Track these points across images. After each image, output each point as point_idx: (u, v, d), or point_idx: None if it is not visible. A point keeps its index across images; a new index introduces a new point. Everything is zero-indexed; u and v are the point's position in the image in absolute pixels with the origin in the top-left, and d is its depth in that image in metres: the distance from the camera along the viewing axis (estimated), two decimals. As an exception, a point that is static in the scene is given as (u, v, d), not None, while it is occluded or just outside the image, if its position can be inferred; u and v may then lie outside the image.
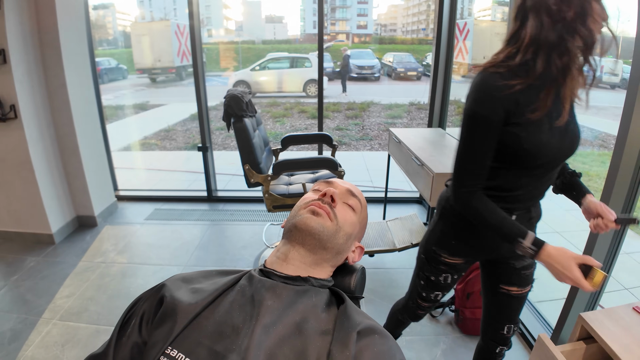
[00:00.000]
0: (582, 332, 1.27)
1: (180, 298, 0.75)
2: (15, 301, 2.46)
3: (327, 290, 0.81)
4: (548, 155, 1.08)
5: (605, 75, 12.14)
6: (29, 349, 2.08)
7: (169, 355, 0.66)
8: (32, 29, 2.85)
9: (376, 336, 0.69)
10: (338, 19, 32.28)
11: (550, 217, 4.06)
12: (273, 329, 0.68)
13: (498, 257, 1.33)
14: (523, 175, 1.13)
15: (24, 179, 2.95)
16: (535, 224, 1.28)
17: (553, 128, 1.06)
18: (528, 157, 1.07)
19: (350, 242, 0.89)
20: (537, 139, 1.05)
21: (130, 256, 2.98)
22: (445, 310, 2.33)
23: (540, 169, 1.12)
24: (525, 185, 1.15)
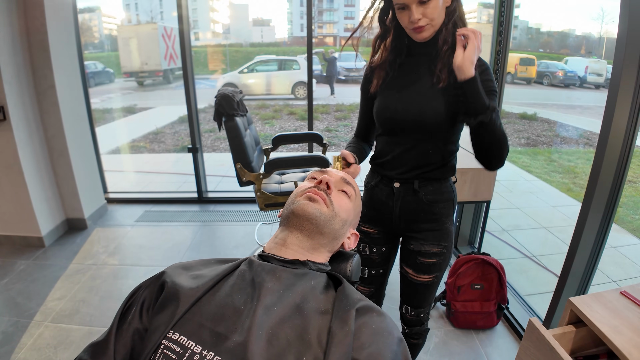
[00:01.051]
0: (572, 317, 1.29)
1: (181, 283, 0.76)
2: (5, 304, 2.43)
3: (325, 275, 0.83)
4: (392, 119, 1.26)
5: (589, 75, 12.37)
6: (21, 351, 2.05)
7: (170, 338, 0.67)
8: (21, 30, 2.82)
9: (374, 314, 0.72)
10: (325, 22, 32.41)
11: (537, 213, 4.12)
12: (274, 309, 0.69)
13: (399, 233, 1.42)
14: (389, 142, 1.31)
15: (13, 182, 2.92)
16: (425, 200, 1.30)
17: (400, 97, 1.24)
18: (376, 119, 1.31)
19: (345, 228, 0.92)
20: (380, 104, 1.29)
21: (122, 258, 2.96)
22: (437, 304, 2.35)
23: (395, 134, 1.28)
24: (392, 151, 1.30)
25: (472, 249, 2.79)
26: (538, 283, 2.81)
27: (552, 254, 3.20)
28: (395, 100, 1.24)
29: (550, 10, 17.42)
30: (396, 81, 1.27)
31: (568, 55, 15.59)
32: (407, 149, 1.27)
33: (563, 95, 12.22)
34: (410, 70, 1.25)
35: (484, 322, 2.17)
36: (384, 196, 1.35)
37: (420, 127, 1.22)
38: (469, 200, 2.22)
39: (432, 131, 1.22)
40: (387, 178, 1.34)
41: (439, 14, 1.11)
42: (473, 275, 2.14)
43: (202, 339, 0.66)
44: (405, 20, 1.12)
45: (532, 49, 18.15)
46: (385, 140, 1.33)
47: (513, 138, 7.76)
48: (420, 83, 1.22)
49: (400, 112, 1.23)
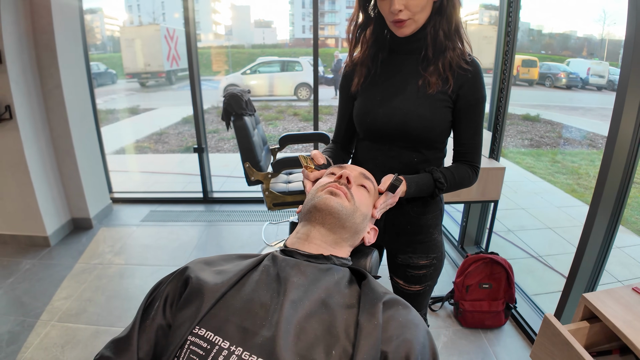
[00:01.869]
0: (585, 313, 1.30)
1: (205, 279, 0.76)
2: (11, 304, 2.43)
3: (348, 269, 0.83)
4: (373, 126, 1.16)
5: (592, 77, 12.36)
6: (28, 350, 2.05)
7: (197, 334, 0.67)
8: (28, 29, 2.83)
9: (400, 307, 0.72)
10: (327, 24, 32.45)
11: (542, 214, 4.12)
12: (300, 304, 0.69)
13: (383, 245, 1.32)
14: (370, 148, 1.21)
15: (19, 181, 2.92)
16: (412, 213, 1.22)
17: (382, 100, 1.15)
18: (357, 123, 1.22)
19: (365, 222, 0.93)
20: (361, 108, 1.19)
21: (128, 257, 2.96)
22: (445, 303, 2.35)
23: (376, 140, 1.19)
24: (374, 158, 1.20)
25: (479, 248, 2.78)
26: (544, 283, 2.81)
27: (558, 254, 3.20)
28: (377, 105, 1.14)
29: (551, 12, 17.42)
30: (378, 81, 1.17)
31: (570, 57, 15.60)
32: (390, 157, 1.17)
33: (565, 96, 12.22)
34: (394, 70, 1.16)
35: (492, 321, 2.16)
36: None
37: (404, 136, 1.13)
38: (476, 199, 2.22)
39: (417, 140, 1.14)
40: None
41: (423, 8, 1.01)
42: (481, 274, 2.14)
43: (229, 334, 0.66)
44: (385, 9, 1.03)
45: (533, 50, 18.14)
46: (366, 146, 1.23)
47: (516, 139, 7.76)
48: (404, 86, 1.13)
49: (382, 119, 1.13)
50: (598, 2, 15.03)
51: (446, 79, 1.09)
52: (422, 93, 1.10)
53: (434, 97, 1.10)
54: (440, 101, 1.10)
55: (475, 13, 5.34)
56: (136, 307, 0.81)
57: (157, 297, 0.79)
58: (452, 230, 3.13)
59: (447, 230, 3.16)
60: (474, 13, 5.36)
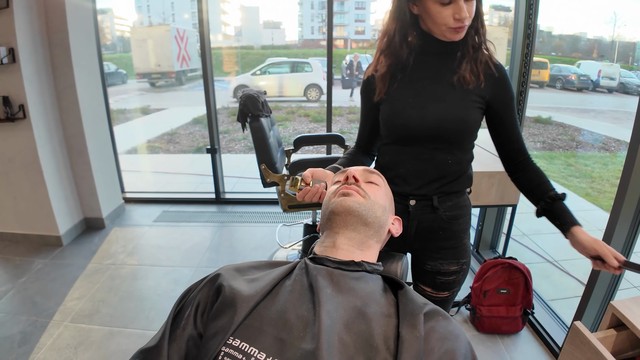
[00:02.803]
0: (612, 321, 1.28)
1: (238, 288, 0.74)
2: (24, 303, 2.43)
3: (380, 277, 0.81)
4: (405, 127, 1.14)
5: (602, 79, 12.26)
6: (41, 351, 2.04)
7: (231, 345, 0.65)
8: (42, 28, 2.83)
9: (440, 318, 0.70)
10: (336, 25, 32.46)
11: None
12: (336, 314, 0.67)
13: (410, 251, 1.29)
14: (400, 152, 1.18)
15: (32, 180, 2.92)
16: (445, 218, 1.20)
17: (415, 102, 1.13)
18: (386, 126, 1.19)
19: (386, 214, 0.92)
20: (391, 110, 1.16)
21: (140, 258, 2.95)
22: (461, 308, 2.31)
23: (408, 143, 1.16)
24: (404, 162, 1.17)
25: (494, 253, 2.74)
26: (561, 288, 2.77)
27: (574, 259, 3.15)
28: (410, 106, 1.12)
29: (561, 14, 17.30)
30: (409, 83, 1.14)
31: (580, 58, 15.50)
32: (423, 160, 1.15)
33: (576, 99, 12.13)
34: (425, 71, 1.13)
35: (509, 327, 2.13)
36: (397, 213, 1.19)
37: (439, 137, 1.12)
38: (495, 204, 2.18)
39: (451, 140, 1.12)
40: (400, 194, 1.19)
41: (481, 13, 1.07)
42: (499, 279, 2.10)
43: (264, 345, 0.64)
44: (446, 17, 1.01)
45: (543, 52, 18.05)
46: (395, 150, 1.19)
47: (529, 142, 7.70)
48: (438, 86, 1.12)
49: (415, 120, 1.11)
50: (608, 4, 14.90)
51: (478, 76, 1.10)
52: (456, 93, 1.10)
53: (467, 98, 1.10)
54: (473, 102, 1.10)
55: (485, 14, 5.32)
56: (150, 308, 0.79)
57: (187, 304, 0.76)
58: (467, 234, 3.09)
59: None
60: (484, 14, 5.33)
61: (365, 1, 32.63)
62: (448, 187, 1.18)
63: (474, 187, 2.11)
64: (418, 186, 1.17)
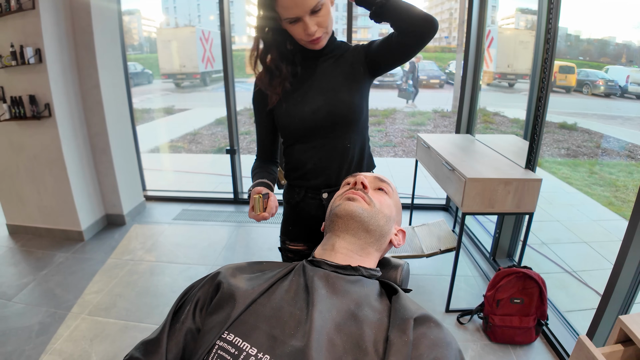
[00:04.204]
0: (620, 336, 1.24)
1: (237, 285, 0.76)
2: (44, 295, 2.51)
3: (377, 282, 0.81)
4: (302, 125, 1.19)
5: (631, 85, 11.93)
6: (57, 342, 2.11)
7: (225, 339, 0.67)
8: (68, 30, 2.92)
9: (432, 324, 0.70)
10: (360, 27, 32.37)
11: (577, 227, 3.98)
12: (329, 315, 0.68)
13: None
14: (304, 150, 1.23)
15: (56, 177, 3.01)
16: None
17: (305, 99, 1.19)
18: (284, 129, 1.24)
19: (390, 224, 0.91)
20: (285, 113, 1.21)
21: (158, 255, 3.00)
22: (474, 317, 2.28)
23: (308, 139, 1.21)
24: (310, 158, 1.23)
25: (511, 261, 2.70)
26: (578, 299, 2.71)
27: (593, 270, 3.08)
28: (300, 105, 1.18)
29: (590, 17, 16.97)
30: (297, 84, 1.20)
31: (608, 63, 15.12)
32: (326, 151, 1.21)
33: (603, 104, 11.84)
34: (311, 69, 1.21)
35: (522, 337, 2.09)
36: (312, 210, 1.29)
37: (335, 124, 1.18)
38: (511, 211, 2.15)
39: (345, 124, 1.19)
40: (313, 189, 1.27)
41: (330, 18, 1.09)
42: (513, 289, 2.07)
43: (257, 341, 0.66)
44: (299, 33, 1.08)
45: (571, 56, 17.67)
46: (298, 149, 1.25)
47: (553, 148, 7.55)
48: (321, 80, 1.19)
49: (308, 115, 1.17)
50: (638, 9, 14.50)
51: (353, 62, 1.20)
52: (339, 78, 1.18)
53: (350, 81, 1.19)
54: (356, 81, 1.19)
55: (511, 17, 5.24)
56: (165, 304, 0.82)
57: (188, 300, 0.80)
58: (484, 242, 3.05)
59: (479, 242, 3.08)
60: (510, 17, 5.25)
61: (390, 4, 32.41)
62: (355, 170, 1.25)
63: (490, 193, 2.09)
64: (326, 177, 1.24)
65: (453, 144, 2.79)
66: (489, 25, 3.37)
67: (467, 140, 2.95)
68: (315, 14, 1.03)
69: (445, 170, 2.38)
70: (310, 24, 1.04)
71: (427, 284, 2.60)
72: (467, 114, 3.37)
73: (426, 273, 2.72)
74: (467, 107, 3.35)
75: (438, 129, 9.48)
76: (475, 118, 3.36)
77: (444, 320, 2.26)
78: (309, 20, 1.03)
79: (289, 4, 1.01)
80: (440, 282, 2.60)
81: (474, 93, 3.31)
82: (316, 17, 1.04)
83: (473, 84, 3.31)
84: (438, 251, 2.49)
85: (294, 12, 1.02)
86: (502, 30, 3.74)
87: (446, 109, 10.75)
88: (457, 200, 2.22)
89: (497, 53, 3.46)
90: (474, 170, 2.18)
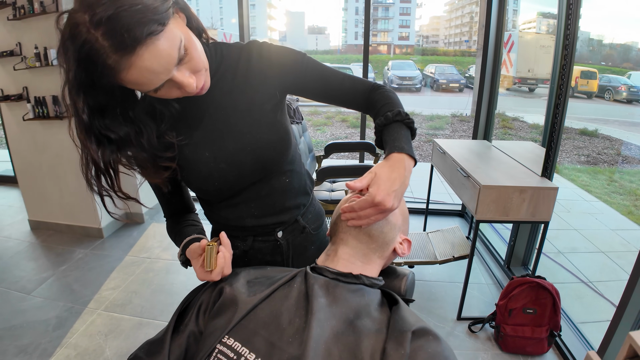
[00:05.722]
0: (630, 352, 1.21)
1: (239, 289, 0.78)
2: (62, 290, 2.57)
3: (379, 291, 0.81)
4: (220, 190, 0.95)
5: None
6: (73, 336, 2.16)
7: (225, 343, 0.69)
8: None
9: (430, 337, 0.69)
10: (380, 30, 32.34)
11: (595, 236, 3.92)
12: (327, 324, 0.69)
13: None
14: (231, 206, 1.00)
15: (77, 175, 3.04)
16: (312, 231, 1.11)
17: (214, 150, 0.91)
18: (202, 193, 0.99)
19: (394, 232, 0.88)
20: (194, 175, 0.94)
21: (175, 254, 3.01)
22: (485, 325, 2.27)
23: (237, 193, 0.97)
24: (246, 210, 1.00)
25: (526, 270, 2.68)
26: (593, 311, 2.66)
27: (610, 281, 3.03)
28: (212, 161, 0.91)
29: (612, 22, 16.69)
30: (187, 135, 0.89)
31: (631, 69, 14.83)
32: (264, 197, 0.99)
33: (626, 111, 11.61)
34: (198, 112, 0.90)
35: (534, 348, 2.07)
36: (267, 255, 1.07)
37: (264, 169, 0.95)
38: (525, 220, 2.13)
39: (276, 163, 0.95)
40: (264, 231, 1.04)
41: (202, 51, 0.77)
42: (526, 298, 2.05)
43: (256, 346, 0.67)
44: (174, 93, 0.76)
45: (593, 61, 17.39)
46: (225, 205, 1.00)
47: (572, 155, 7.44)
48: (223, 115, 0.90)
49: (231, 172, 0.92)
50: (661, 14, 14.21)
51: (254, 84, 0.90)
52: (250, 116, 0.90)
53: (262, 113, 0.91)
54: (272, 112, 0.92)
55: (532, 21, 5.18)
56: (179, 303, 0.84)
57: (192, 303, 0.82)
58: (499, 249, 3.03)
59: (494, 249, 3.06)
60: (531, 21, 5.20)
61: (410, 7, 32.36)
62: (302, 199, 1.07)
63: (504, 201, 2.08)
64: (277, 217, 1.03)
65: (469, 150, 2.77)
66: (509, 30, 3.34)
67: (483, 146, 2.93)
68: (182, 63, 0.72)
69: (460, 176, 2.38)
70: (184, 79, 0.73)
71: (440, 290, 2.60)
72: (485, 119, 3.35)
73: (439, 280, 2.71)
74: (484, 112, 3.33)
75: (456, 133, 9.42)
76: (493, 123, 3.34)
77: (455, 327, 2.26)
78: (180, 77, 0.72)
79: (141, 78, 0.67)
80: (453, 289, 2.59)
81: (491, 98, 3.28)
82: (185, 64, 0.73)
83: (491, 89, 3.29)
84: (451, 258, 2.48)
85: (155, 82, 0.69)
86: (523, 34, 3.71)
87: (465, 113, 10.66)
88: (471, 207, 2.21)
89: (518, 57, 3.43)
90: (489, 177, 2.17)
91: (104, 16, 0.60)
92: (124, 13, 0.60)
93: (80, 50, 0.62)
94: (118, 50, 0.62)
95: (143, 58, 0.64)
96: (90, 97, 0.68)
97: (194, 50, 0.73)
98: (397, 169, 0.77)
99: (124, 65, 0.64)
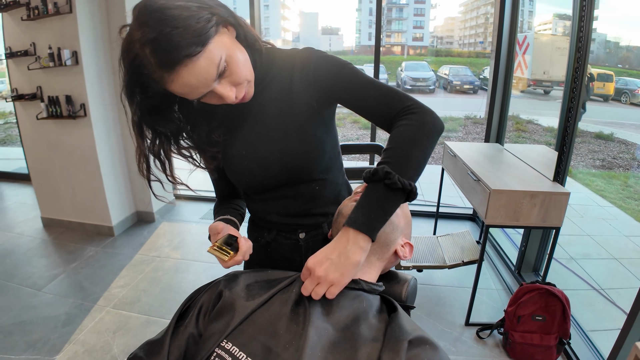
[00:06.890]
0: None
1: (238, 294, 0.78)
2: (72, 287, 2.61)
3: (378, 297, 0.80)
4: (251, 185, 1.01)
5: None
6: (82, 333, 2.19)
7: (223, 347, 0.69)
8: (103, 33, 3.03)
9: (427, 347, 0.68)
10: (394, 31, 32.22)
11: (609, 242, 3.85)
12: (325, 332, 0.69)
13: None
14: (264, 200, 1.04)
15: (89, 174, 3.11)
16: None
17: (250, 153, 0.96)
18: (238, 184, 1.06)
19: (396, 234, 0.88)
20: (230, 168, 1.01)
21: (184, 253, 3.07)
22: (494, 332, 2.24)
23: (269, 191, 1.02)
24: (274, 208, 1.04)
25: (537, 276, 2.64)
26: (604, 319, 2.61)
27: (622, 288, 2.97)
28: (245, 160, 0.97)
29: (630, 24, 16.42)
30: (234, 132, 0.98)
31: (648, 72, 14.58)
32: (292, 199, 1.02)
33: (642, 115, 11.43)
34: (242, 113, 0.96)
35: (543, 355, 2.04)
36: (287, 252, 1.10)
37: (292, 176, 0.98)
38: (536, 225, 2.10)
39: (306, 172, 0.98)
40: (287, 229, 1.08)
41: (244, 65, 0.81)
42: (535, 305, 2.02)
43: (253, 351, 0.67)
44: (216, 101, 0.82)
45: (610, 64, 17.13)
46: (257, 199, 1.06)
47: (587, 159, 7.33)
48: (263, 125, 0.95)
49: (260, 173, 0.97)
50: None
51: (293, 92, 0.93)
52: (287, 123, 0.93)
53: (299, 122, 0.93)
54: (308, 122, 0.94)
55: (548, 23, 5.13)
56: (186, 302, 0.85)
57: (193, 305, 0.82)
58: (510, 254, 2.99)
59: (504, 254, 3.02)
60: (547, 23, 5.15)
61: (425, 8, 32.20)
62: (332, 208, 1.07)
63: (515, 206, 2.05)
64: (301, 219, 1.06)
65: (480, 153, 2.75)
66: (525, 31, 3.30)
67: (495, 149, 2.90)
68: (223, 77, 0.78)
69: (471, 180, 2.35)
70: (224, 91, 0.79)
71: (448, 295, 2.57)
72: (497, 122, 3.31)
73: (448, 284, 2.69)
74: (497, 114, 3.29)
75: (470, 135, 9.33)
76: (506, 126, 3.31)
77: (463, 333, 2.24)
78: (220, 89, 0.78)
79: (182, 90, 0.75)
80: (462, 294, 2.56)
81: (504, 100, 3.25)
82: (226, 78, 0.79)
83: (504, 91, 3.25)
84: (461, 262, 2.46)
85: (195, 94, 0.77)
86: (539, 36, 3.66)
87: (479, 115, 10.57)
88: (481, 211, 2.19)
89: (533, 59, 3.39)
90: (500, 181, 2.15)
91: (150, 37, 0.69)
92: (165, 36, 0.68)
93: (132, 63, 0.72)
94: (161, 67, 0.71)
95: (182, 75, 0.72)
96: (143, 99, 0.78)
97: (235, 65, 0.78)
98: (339, 240, 0.79)
99: (166, 79, 0.73)
